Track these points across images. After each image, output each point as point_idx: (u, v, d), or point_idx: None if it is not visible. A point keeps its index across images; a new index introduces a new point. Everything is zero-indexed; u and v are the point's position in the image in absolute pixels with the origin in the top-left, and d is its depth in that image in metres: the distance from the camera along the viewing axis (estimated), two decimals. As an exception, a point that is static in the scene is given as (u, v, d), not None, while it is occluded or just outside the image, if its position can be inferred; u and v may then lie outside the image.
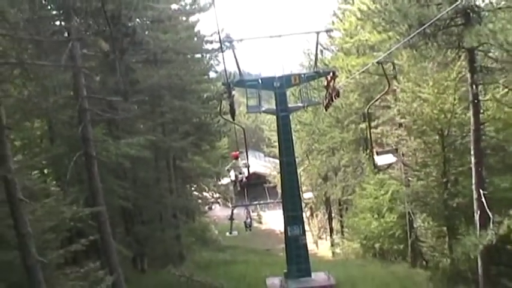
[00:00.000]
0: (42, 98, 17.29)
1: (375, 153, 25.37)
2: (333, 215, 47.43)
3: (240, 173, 30.87)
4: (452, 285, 23.13)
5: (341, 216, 44.43)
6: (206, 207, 43.91)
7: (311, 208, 55.76)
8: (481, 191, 21.36)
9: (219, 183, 46.56)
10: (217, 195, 47.94)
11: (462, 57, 21.43)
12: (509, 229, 18.16)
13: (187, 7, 28.20)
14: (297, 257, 25.15)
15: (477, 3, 20.14)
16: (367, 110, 26.70)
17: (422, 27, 17.94)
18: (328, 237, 47.65)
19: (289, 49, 49.60)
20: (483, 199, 21.25)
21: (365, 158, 32.60)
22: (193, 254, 31.05)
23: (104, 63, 19.04)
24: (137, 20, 22.14)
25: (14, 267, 11.20)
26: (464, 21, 20.46)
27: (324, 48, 36.62)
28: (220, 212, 49.34)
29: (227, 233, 34.82)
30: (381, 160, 25.19)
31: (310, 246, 41.72)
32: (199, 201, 41.09)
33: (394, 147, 26.48)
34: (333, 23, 33.59)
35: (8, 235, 11.06)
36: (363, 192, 33.14)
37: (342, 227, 44.10)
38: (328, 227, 48.38)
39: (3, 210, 10.76)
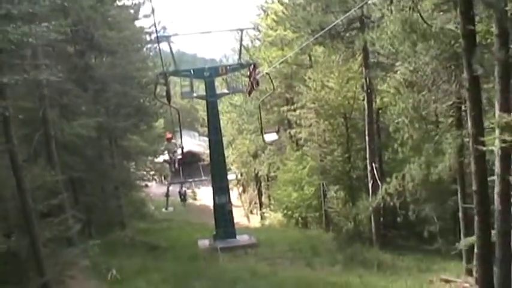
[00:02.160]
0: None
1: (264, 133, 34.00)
2: (262, 190, 52.14)
3: (174, 154, 35.33)
4: (352, 243, 28.89)
5: (269, 191, 49.44)
6: (143, 184, 45.62)
7: (243, 184, 60.98)
8: (373, 164, 27.20)
9: (155, 160, 48.18)
10: (153, 172, 49.22)
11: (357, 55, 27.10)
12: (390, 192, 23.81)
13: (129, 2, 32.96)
14: (224, 221, 30.56)
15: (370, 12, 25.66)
16: (259, 105, 34.42)
17: (322, 32, 23.28)
18: (259, 212, 52.12)
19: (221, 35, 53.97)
20: (374, 171, 27.11)
21: (286, 137, 37.91)
22: (133, 223, 35.54)
23: (64, 60, 23.55)
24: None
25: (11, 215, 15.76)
26: (359, 25, 26.07)
27: (254, 39, 41.95)
28: (156, 189, 51.26)
29: (163, 209, 38.79)
30: (268, 137, 34.66)
31: (242, 219, 46.88)
32: (137, 177, 44.80)
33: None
34: (259, 17, 38.94)
35: (8, 192, 15.55)
36: (285, 167, 38.38)
37: (270, 201, 48.89)
38: (258, 201, 53.17)
39: (7, 173, 15.32)
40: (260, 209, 51.89)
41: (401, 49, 19.95)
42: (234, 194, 56.19)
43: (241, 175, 58.24)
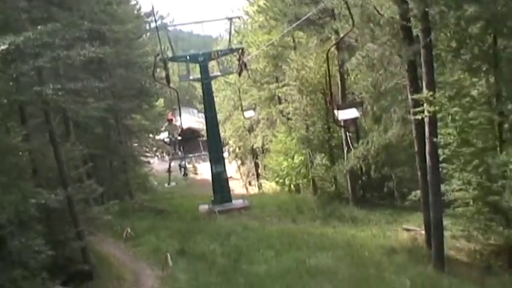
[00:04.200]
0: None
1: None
2: (258, 162, 55.54)
3: (174, 135, 39.88)
4: (332, 202, 34.14)
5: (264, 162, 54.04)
6: (147, 160, 48.63)
7: (241, 158, 65.77)
8: (347, 133, 32.20)
9: (157, 138, 51.27)
10: (155, 149, 51.96)
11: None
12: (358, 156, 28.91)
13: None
14: (220, 188, 35.71)
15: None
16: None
17: (297, 22, 28.09)
18: (256, 182, 56.48)
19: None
20: (348, 139, 32.09)
21: (276, 111, 42.69)
22: (140, 194, 40.60)
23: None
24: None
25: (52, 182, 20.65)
26: (331, 15, 30.83)
27: (244, 23, 46.82)
28: (158, 165, 53.44)
29: (166, 184, 42.91)
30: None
31: (241, 190, 51.83)
32: (141, 153, 49.35)
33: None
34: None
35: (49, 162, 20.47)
36: (276, 139, 43.04)
37: (265, 171, 52.31)
38: (255, 172, 57.25)
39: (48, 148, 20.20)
40: (257, 180, 55.99)
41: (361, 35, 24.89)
42: (233, 167, 61.11)
43: (239, 148, 62.19)
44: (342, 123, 27.44)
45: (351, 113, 25.14)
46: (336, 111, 25.37)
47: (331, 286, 18.47)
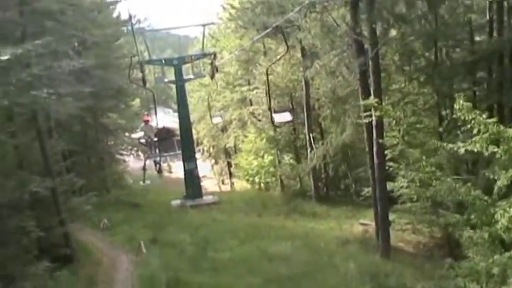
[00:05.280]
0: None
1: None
2: (231, 161, 58.07)
3: (149, 137, 42.06)
4: (296, 199, 37.07)
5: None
6: (122, 158, 51.16)
7: (214, 157, 68.42)
8: (310, 134, 34.99)
9: (133, 136, 51.20)
10: (131, 147, 52.23)
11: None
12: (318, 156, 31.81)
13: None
14: (192, 184, 38.38)
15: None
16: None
17: (265, 32, 30.77)
18: (229, 181, 59.05)
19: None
20: (311, 139, 34.89)
21: (247, 113, 45.36)
22: (116, 189, 42.96)
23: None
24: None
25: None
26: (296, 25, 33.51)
27: (218, 29, 49.57)
28: (133, 163, 54.81)
29: (141, 182, 44.74)
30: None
31: (214, 188, 54.38)
32: (117, 151, 51.57)
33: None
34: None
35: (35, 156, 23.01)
36: (246, 139, 45.89)
37: (237, 170, 55.26)
38: (227, 171, 59.96)
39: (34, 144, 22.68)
40: (230, 178, 58.43)
41: (321, 45, 27.77)
42: (207, 166, 63.63)
43: (213, 148, 64.91)
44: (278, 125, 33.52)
45: (285, 117, 31.11)
46: (273, 115, 30.28)
47: (287, 269, 21.13)
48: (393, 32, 23.52)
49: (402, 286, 19.49)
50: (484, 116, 14.88)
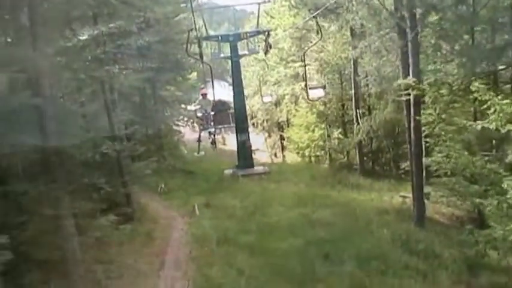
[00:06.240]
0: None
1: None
2: (284, 135, 59.35)
3: (206, 111, 44.41)
4: (342, 171, 39.40)
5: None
6: (179, 128, 53.90)
7: (267, 131, 70.74)
8: (357, 110, 37.15)
9: (189, 108, 52.58)
10: (187, 119, 55.60)
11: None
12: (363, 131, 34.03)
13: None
14: (244, 155, 40.92)
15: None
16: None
17: (317, 12, 32.93)
18: (281, 154, 61.21)
19: None
20: (358, 115, 37.04)
21: (299, 89, 47.57)
22: (172, 158, 45.91)
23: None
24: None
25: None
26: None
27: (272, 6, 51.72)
28: (188, 135, 56.63)
29: (195, 153, 47.24)
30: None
31: (267, 160, 56.79)
32: (173, 122, 54.50)
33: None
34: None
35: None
36: (298, 113, 48.29)
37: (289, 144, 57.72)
38: (280, 145, 62.21)
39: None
40: (282, 152, 60.70)
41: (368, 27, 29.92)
42: (261, 139, 66.10)
43: (266, 121, 67.30)
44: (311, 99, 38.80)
45: (318, 93, 37.45)
46: (308, 91, 36.22)
47: (326, 233, 23.57)
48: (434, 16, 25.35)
49: (430, 251, 21.70)
50: (499, 97, 16.99)
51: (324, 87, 39.21)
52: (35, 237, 16.32)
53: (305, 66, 35.50)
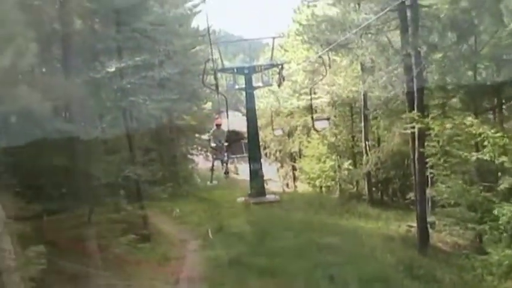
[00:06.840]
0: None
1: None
2: (295, 165, 60.73)
3: (220, 141, 45.78)
4: (351, 201, 40.86)
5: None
6: (193, 157, 55.51)
7: (280, 161, 72.16)
8: (366, 142, 38.73)
9: (202, 137, 53.20)
10: (200, 148, 55.43)
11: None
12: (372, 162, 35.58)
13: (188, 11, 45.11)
14: (256, 183, 42.28)
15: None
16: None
17: (328, 48, 34.62)
18: (293, 184, 62.66)
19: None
20: (367, 147, 38.60)
21: (310, 120, 49.20)
22: (186, 185, 47.65)
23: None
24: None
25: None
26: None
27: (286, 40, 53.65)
28: (201, 164, 56.27)
29: (208, 182, 47.96)
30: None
31: (279, 190, 58.20)
32: (188, 151, 56.14)
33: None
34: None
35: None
36: (309, 144, 49.82)
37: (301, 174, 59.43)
38: (292, 175, 63.44)
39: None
40: (294, 182, 61.80)
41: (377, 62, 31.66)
42: (273, 169, 67.49)
43: (279, 152, 68.62)
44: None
45: (323, 124, 41.39)
46: (314, 122, 40.23)
47: (333, 257, 24.92)
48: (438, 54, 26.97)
49: (432, 276, 23.06)
50: (492, 130, 18.52)
51: (328, 118, 41.78)
52: (63, 251, 17.84)
53: (311, 99, 39.22)
